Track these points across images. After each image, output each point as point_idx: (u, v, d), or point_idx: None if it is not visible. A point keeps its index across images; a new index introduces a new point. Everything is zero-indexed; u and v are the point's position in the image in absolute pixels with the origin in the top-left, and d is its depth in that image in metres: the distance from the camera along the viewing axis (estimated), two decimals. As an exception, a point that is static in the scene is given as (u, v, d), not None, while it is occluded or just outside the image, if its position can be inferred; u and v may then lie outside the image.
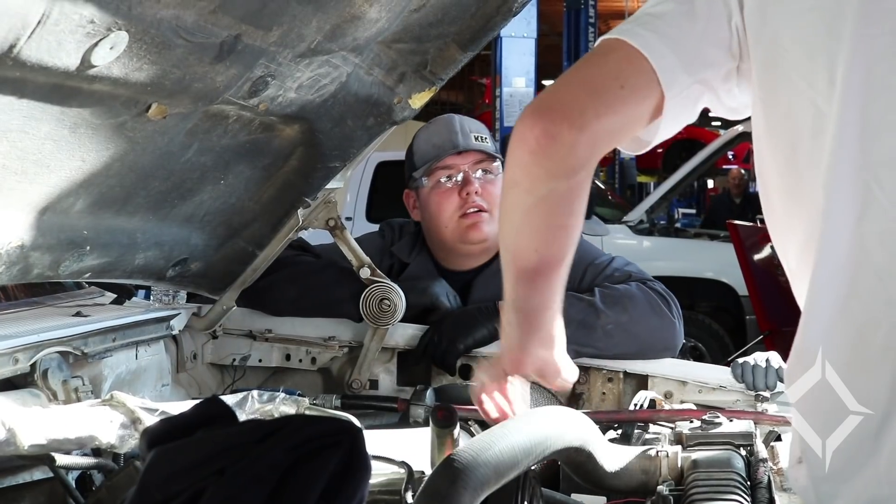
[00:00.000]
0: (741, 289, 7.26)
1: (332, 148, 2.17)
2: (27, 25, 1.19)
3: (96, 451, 1.69)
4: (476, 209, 2.43)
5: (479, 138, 2.47)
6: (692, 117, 1.34)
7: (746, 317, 7.48)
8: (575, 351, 2.28)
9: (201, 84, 1.60)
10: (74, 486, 1.67)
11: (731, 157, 14.31)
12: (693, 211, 15.61)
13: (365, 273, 2.39)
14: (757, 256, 6.14)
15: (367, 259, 2.41)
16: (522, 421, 1.41)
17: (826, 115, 1.19)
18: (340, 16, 1.72)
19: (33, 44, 1.23)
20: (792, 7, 1.23)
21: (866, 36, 1.16)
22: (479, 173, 2.46)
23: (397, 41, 2.01)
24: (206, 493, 0.90)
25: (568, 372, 1.55)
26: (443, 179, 2.46)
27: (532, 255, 1.37)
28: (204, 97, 1.65)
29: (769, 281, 5.87)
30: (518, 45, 10.30)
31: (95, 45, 1.31)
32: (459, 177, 2.45)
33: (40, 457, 1.55)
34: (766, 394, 2.16)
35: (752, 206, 10.03)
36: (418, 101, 2.23)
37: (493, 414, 1.56)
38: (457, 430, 1.52)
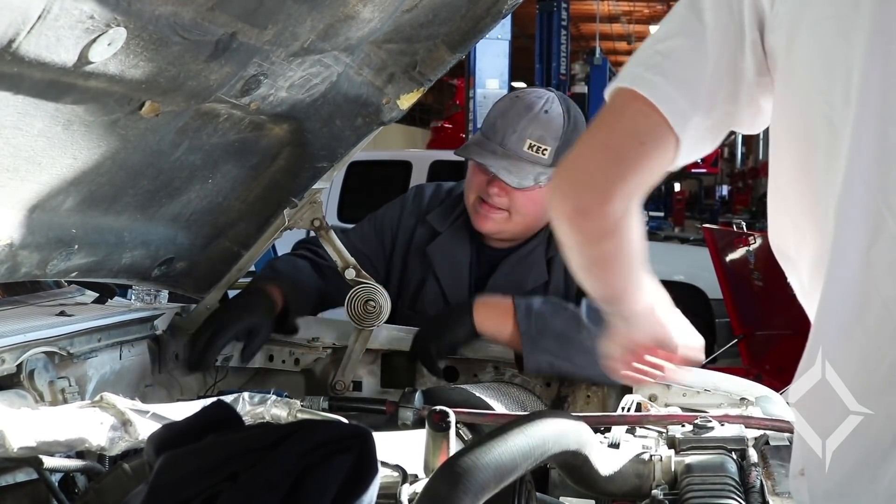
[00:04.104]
0: (711, 292, 7.32)
1: (320, 148, 2.16)
2: (27, 20, 1.17)
3: (80, 454, 1.67)
4: (491, 205, 2.40)
5: (534, 147, 2.34)
6: (714, 147, 1.35)
7: (716, 320, 7.55)
8: (549, 363, 2.25)
9: (195, 82, 1.58)
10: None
11: (699, 160, 14.44)
12: (661, 214, 15.72)
13: (350, 274, 2.38)
14: (731, 260, 6.19)
15: (352, 260, 2.40)
16: (520, 424, 1.41)
17: (841, 134, 1.17)
18: (334, 15, 1.71)
19: (32, 39, 1.20)
20: (813, 13, 1.19)
21: (883, 53, 1.13)
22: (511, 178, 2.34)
23: (388, 41, 2.00)
24: (220, 499, 0.88)
25: (681, 337, 1.66)
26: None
27: (599, 294, 1.47)
28: (197, 95, 1.64)
29: (744, 285, 5.92)
30: (492, 47, 10.32)
31: (94, 41, 1.28)
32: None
33: (27, 459, 1.52)
34: (751, 398, 2.18)
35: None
36: (406, 101, 2.23)
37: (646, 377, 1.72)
38: (452, 433, 1.51)
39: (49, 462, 1.54)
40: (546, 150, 2.35)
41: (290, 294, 2.41)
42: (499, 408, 2.10)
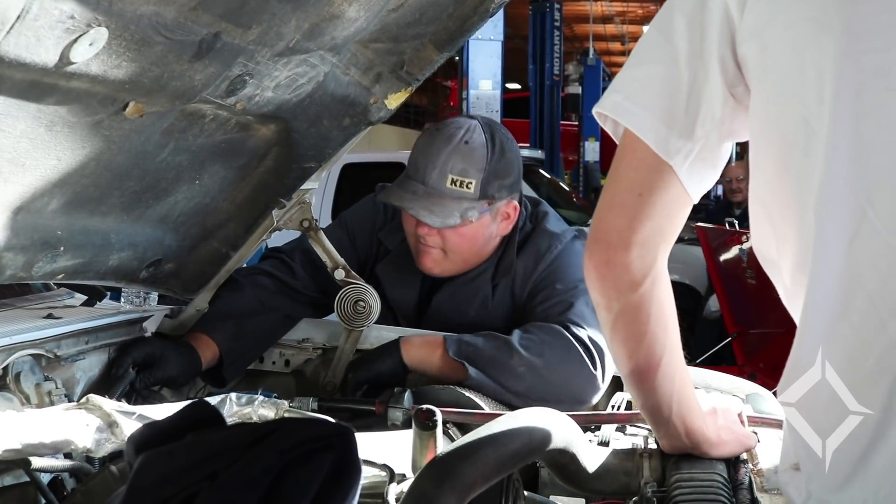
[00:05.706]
0: (705, 291, 7.32)
1: (308, 148, 2.16)
2: (6, 20, 1.16)
3: (68, 456, 1.66)
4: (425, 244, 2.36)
5: (457, 182, 2.28)
6: (719, 170, 1.36)
7: (710, 319, 7.54)
8: (490, 386, 2.16)
9: (179, 82, 1.57)
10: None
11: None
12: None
13: (340, 275, 2.38)
14: (724, 259, 6.19)
15: (341, 261, 2.39)
16: (508, 422, 1.41)
17: (817, 133, 1.18)
18: (319, 14, 1.70)
19: (12, 39, 1.19)
20: (782, 18, 1.21)
21: (855, 52, 1.14)
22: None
23: (374, 41, 1.99)
24: (199, 498, 0.88)
25: (731, 445, 1.65)
26: None
27: (627, 362, 1.46)
28: (182, 96, 1.63)
29: (737, 283, 5.92)
30: (485, 48, 10.33)
31: (75, 41, 1.28)
32: None
33: (15, 461, 1.52)
34: (741, 395, 2.18)
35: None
36: (394, 101, 2.22)
37: None
38: (439, 431, 1.51)
39: (37, 462, 1.53)
40: (470, 183, 2.27)
41: (227, 343, 2.33)
42: (487, 407, 2.10)
